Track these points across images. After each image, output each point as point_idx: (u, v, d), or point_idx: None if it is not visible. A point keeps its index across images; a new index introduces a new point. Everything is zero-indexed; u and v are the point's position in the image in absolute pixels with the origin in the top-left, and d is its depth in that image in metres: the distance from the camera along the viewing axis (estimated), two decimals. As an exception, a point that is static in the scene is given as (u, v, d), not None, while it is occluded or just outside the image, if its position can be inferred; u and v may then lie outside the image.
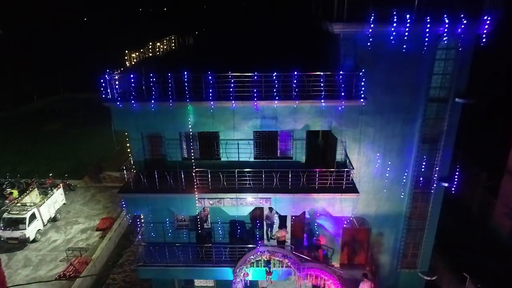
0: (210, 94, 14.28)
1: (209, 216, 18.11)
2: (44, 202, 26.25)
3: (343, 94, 14.04)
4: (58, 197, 27.98)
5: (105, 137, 39.54)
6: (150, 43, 25.75)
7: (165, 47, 27.40)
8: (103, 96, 14.67)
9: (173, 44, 28.62)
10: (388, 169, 16.78)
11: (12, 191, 28.55)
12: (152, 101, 14.40)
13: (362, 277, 17.05)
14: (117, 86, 14.74)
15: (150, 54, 24.11)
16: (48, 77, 64.94)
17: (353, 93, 14.16)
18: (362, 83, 14.07)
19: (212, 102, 14.30)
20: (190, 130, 15.19)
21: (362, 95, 14.13)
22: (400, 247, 18.25)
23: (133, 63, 18.95)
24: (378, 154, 16.59)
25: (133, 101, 14.44)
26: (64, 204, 28.88)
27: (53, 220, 27.28)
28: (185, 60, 22.31)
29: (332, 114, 14.48)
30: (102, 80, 14.48)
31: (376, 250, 18.44)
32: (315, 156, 17.68)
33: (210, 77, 14.04)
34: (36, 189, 27.46)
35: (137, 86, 14.58)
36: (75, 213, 28.72)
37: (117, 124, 15.18)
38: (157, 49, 26.38)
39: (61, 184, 28.85)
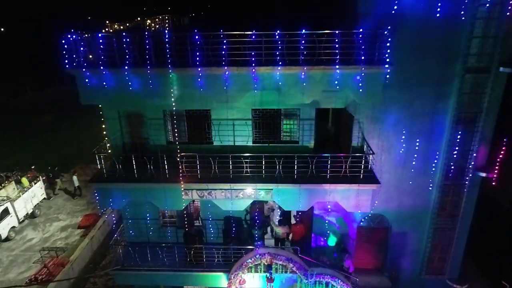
0: (198, 59, 11.55)
1: (200, 211, 15.49)
2: (20, 196, 23.59)
3: (363, 58, 11.27)
4: (37, 191, 25.31)
5: (98, 130, 36.87)
6: (138, 18, 23.20)
7: (157, 26, 24.91)
8: (67, 62, 11.97)
9: (166, 25, 26.10)
10: (415, 155, 13.93)
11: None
12: (126, 68, 11.68)
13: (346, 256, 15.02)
14: (82, 49, 12.00)
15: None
16: (44, 70, 62.56)
17: (375, 57, 11.36)
18: (388, 44, 11.27)
19: (199, 69, 11.57)
20: (174, 106, 12.47)
21: (388, 59, 11.32)
22: (425, 250, 15.45)
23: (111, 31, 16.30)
24: (402, 138, 13.77)
25: (102, 67, 11.74)
26: (44, 198, 26.23)
27: (31, 216, 24.61)
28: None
29: (348, 85, 11.72)
30: (64, 42, 11.79)
31: (397, 253, 15.67)
32: (326, 141, 14.94)
33: (197, 37, 11.29)
34: (13, 182, 24.76)
35: (108, 49, 11.88)
36: (56, 209, 26.03)
37: (85, 98, 12.49)
38: (147, 26, 23.84)
39: (40, 177, 26.12)
